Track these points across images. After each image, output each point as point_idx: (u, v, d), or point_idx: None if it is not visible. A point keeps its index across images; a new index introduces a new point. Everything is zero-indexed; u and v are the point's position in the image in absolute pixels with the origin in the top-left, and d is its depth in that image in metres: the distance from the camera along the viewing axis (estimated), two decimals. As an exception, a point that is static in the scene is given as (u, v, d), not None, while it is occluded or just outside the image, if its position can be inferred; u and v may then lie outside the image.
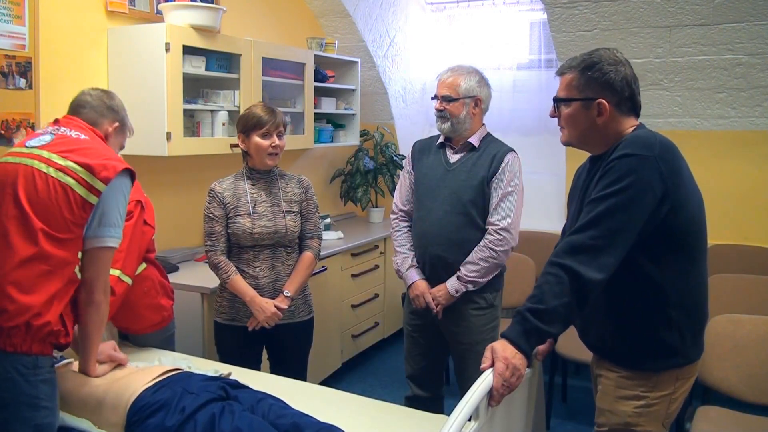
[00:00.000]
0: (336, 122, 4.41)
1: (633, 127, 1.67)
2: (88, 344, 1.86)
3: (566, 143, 1.76)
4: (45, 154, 1.71)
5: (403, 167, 2.78)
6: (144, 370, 1.92)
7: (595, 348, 1.80)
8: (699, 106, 3.69)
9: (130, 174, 1.81)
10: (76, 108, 1.91)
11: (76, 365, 1.95)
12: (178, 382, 1.81)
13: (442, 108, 2.47)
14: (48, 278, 1.65)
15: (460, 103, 2.45)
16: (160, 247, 2.96)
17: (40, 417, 1.64)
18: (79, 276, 1.77)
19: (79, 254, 1.76)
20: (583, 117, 1.66)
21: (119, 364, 2.01)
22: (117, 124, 1.96)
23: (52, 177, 1.68)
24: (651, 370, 1.64)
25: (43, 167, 1.69)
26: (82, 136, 1.81)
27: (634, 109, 1.69)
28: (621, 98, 1.65)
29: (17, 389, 1.61)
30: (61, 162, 1.69)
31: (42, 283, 1.64)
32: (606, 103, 1.63)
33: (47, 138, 1.77)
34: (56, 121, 1.87)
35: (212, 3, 3.43)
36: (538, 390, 1.90)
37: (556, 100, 1.72)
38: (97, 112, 1.91)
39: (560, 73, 1.72)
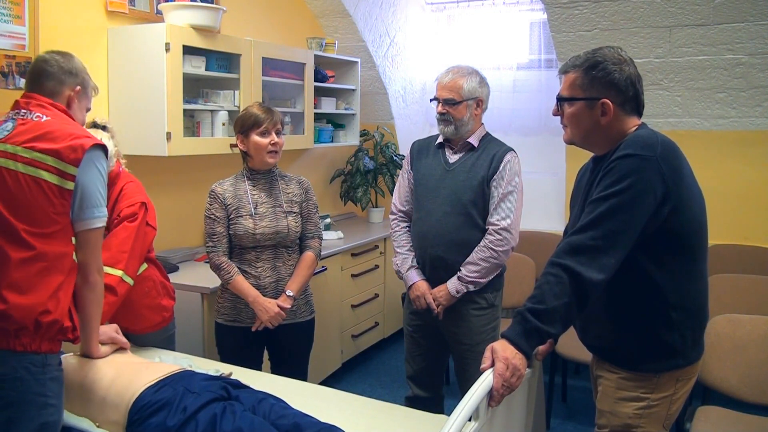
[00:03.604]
0: (336, 122, 4.41)
1: (635, 127, 1.66)
2: (89, 326, 1.84)
3: (569, 142, 1.75)
4: (9, 148, 1.65)
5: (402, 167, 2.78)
6: (147, 367, 1.92)
7: (595, 349, 1.80)
8: (699, 106, 3.69)
9: (101, 147, 1.74)
10: (36, 78, 1.80)
11: (75, 357, 1.95)
12: (179, 381, 1.81)
13: (444, 111, 2.45)
14: (46, 274, 1.64)
15: (464, 105, 2.44)
16: (160, 247, 2.97)
17: (46, 415, 1.64)
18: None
19: (74, 239, 1.73)
20: (587, 116, 1.66)
21: (121, 348, 2.01)
22: (78, 87, 1.84)
23: (22, 173, 1.63)
24: (651, 372, 1.64)
25: (11, 164, 1.64)
26: (44, 118, 1.71)
27: (638, 109, 1.68)
28: (625, 98, 1.64)
29: (26, 388, 1.61)
30: (28, 155, 1.64)
31: (41, 281, 1.63)
32: (610, 103, 1.62)
33: (9, 126, 1.70)
34: (16, 104, 1.78)
35: (212, 3, 3.43)
36: (538, 390, 1.90)
37: (560, 99, 1.70)
38: (57, 79, 1.79)
39: (563, 71, 1.71)
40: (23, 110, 1.74)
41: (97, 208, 1.73)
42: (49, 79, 1.79)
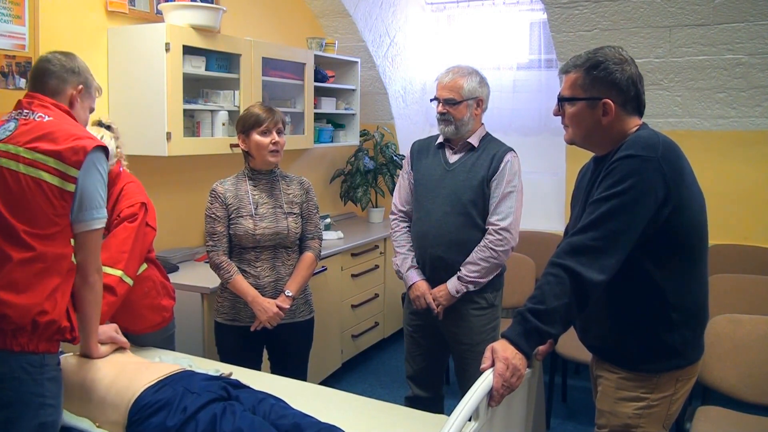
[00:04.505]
0: (336, 122, 4.41)
1: (637, 127, 1.66)
2: (88, 325, 1.85)
3: (570, 142, 1.74)
4: (12, 149, 1.65)
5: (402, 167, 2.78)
6: (147, 367, 1.92)
7: (595, 349, 1.80)
8: (699, 106, 3.69)
9: (103, 149, 1.74)
10: (39, 78, 1.80)
11: (74, 357, 1.95)
12: (179, 381, 1.81)
13: (444, 111, 2.45)
14: (44, 275, 1.64)
15: (464, 105, 2.44)
16: (160, 247, 2.96)
17: (44, 415, 1.64)
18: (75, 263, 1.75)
19: (73, 241, 1.73)
20: (588, 116, 1.65)
21: (121, 348, 2.02)
22: (81, 86, 1.84)
23: (23, 173, 1.63)
24: (651, 372, 1.64)
25: (12, 165, 1.63)
26: (46, 118, 1.71)
27: (639, 109, 1.67)
28: (626, 98, 1.63)
29: (23, 388, 1.61)
30: (29, 156, 1.63)
31: (39, 281, 1.63)
32: (611, 103, 1.62)
33: (11, 126, 1.70)
34: (19, 103, 1.78)
35: (212, 3, 3.43)
36: (538, 390, 1.90)
37: (561, 99, 1.70)
38: (59, 77, 1.79)
39: (564, 71, 1.70)
40: (26, 110, 1.74)
41: (96, 209, 1.73)
42: (51, 77, 1.79)
